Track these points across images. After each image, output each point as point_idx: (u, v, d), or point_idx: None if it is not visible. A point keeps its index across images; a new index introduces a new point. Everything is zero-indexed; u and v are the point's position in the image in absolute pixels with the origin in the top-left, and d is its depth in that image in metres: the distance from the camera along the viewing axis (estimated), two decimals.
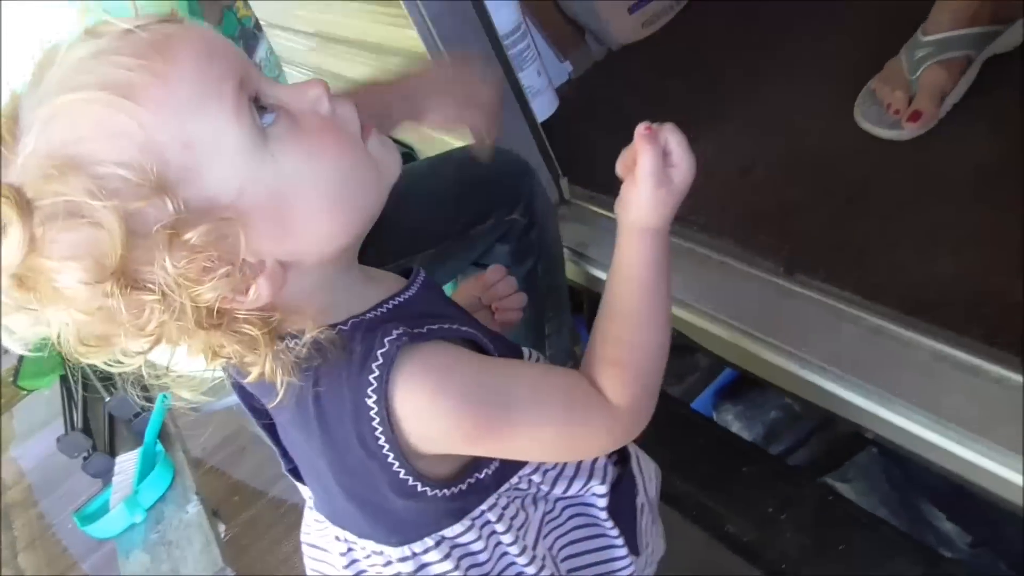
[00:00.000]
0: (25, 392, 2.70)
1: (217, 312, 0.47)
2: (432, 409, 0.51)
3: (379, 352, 0.50)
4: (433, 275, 0.79)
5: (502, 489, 0.59)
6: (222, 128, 0.47)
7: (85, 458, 1.87)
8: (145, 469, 1.75)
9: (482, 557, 0.61)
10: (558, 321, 1.10)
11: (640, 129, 0.57)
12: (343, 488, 0.56)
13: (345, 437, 0.52)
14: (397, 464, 0.52)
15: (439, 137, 1.27)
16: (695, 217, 1.08)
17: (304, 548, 0.68)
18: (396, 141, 1.47)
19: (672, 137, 0.58)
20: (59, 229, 0.44)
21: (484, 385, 0.54)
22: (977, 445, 0.74)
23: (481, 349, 0.58)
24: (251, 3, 1.25)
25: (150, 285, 0.45)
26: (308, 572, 0.69)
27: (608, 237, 1.13)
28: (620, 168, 0.60)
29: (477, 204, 0.94)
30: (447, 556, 0.59)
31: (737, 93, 1.24)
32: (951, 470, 0.81)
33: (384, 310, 0.55)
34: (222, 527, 1.90)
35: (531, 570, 0.62)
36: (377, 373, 0.50)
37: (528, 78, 1.16)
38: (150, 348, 0.47)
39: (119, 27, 0.47)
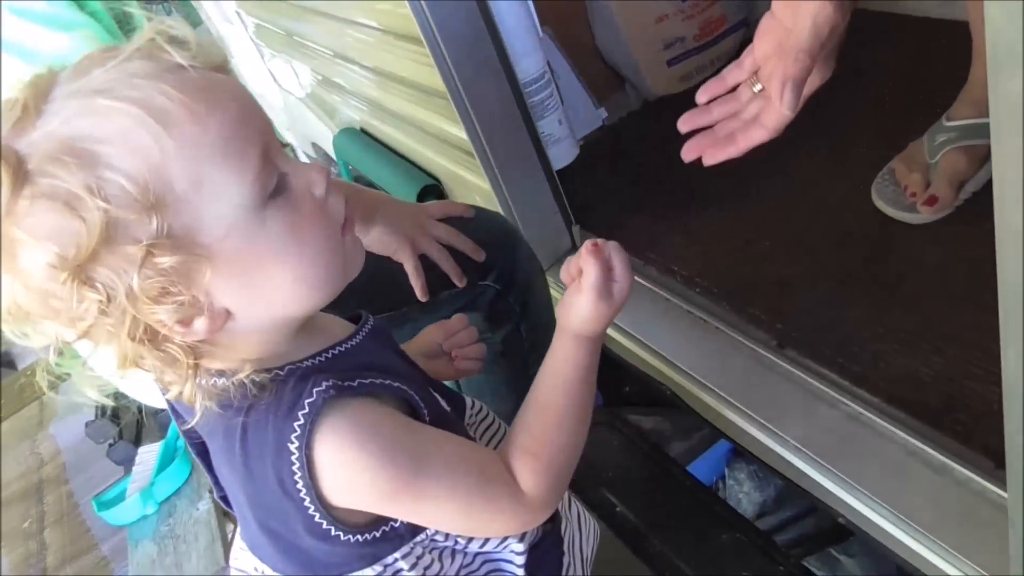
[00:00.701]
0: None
1: (151, 331, 0.50)
2: (351, 464, 0.54)
3: (306, 401, 0.52)
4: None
5: (417, 539, 0.61)
6: (235, 183, 0.50)
7: (111, 445, 1.96)
8: (164, 463, 1.82)
9: None
10: None
11: (587, 244, 0.62)
12: (259, 522, 0.59)
13: (264, 475, 0.55)
14: (312, 508, 0.55)
15: (464, 175, 1.31)
16: (698, 280, 1.09)
17: (232, 572, 0.70)
18: (425, 172, 1.51)
19: (616, 255, 0.63)
20: (46, 210, 0.47)
21: (404, 450, 0.56)
22: (932, 544, 0.73)
23: (414, 408, 0.60)
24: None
25: (99, 286, 0.48)
26: None
27: None
28: (564, 276, 0.65)
29: (441, 270, 0.94)
30: None
31: (760, 158, 1.23)
32: (911, 564, 0.79)
33: (323, 359, 0.58)
34: (231, 527, 1.95)
35: None
36: (302, 421, 0.52)
37: (548, 126, 1.18)
38: (74, 340, 0.50)
39: (175, 59, 0.51)
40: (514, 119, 1.12)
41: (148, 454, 1.87)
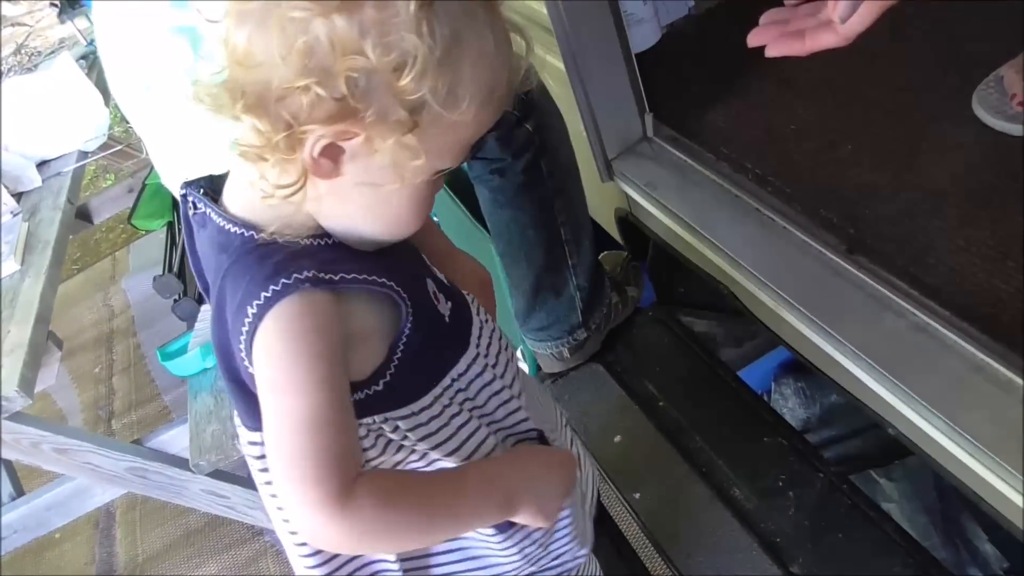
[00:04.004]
0: (142, 232, 2.91)
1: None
2: (272, 348, 0.55)
3: (282, 280, 0.54)
4: None
5: (363, 420, 0.62)
6: (435, 157, 0.56)
7: (176, 300, 2.03)
8: None
9: None
10: (576, 242, 1.10)
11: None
12: (222, 364, 0.61)
13: (227, 322, 0.57)
14: (250, 366, 0.57)
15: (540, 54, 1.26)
16: (772, 179, 1.04)
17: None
18: None
19: None
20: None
21: (302, 366, 0.55)
22: (990, 462, 0.71)
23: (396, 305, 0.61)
24: None
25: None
26: None
27: (681, 182, 1.12)
28: None
29: None
30: None
31: (853, 58, 1.16)
32: (963, 482, 0.78)
33: (321, 242, 0.59)
34: None
35: None
36: (269, 294, 0.54)
37: (632, 5, 1.12)
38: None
39: None
40: None
41: (210, 312, 1.94)
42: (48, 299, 1.53)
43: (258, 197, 0.57)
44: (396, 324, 0.61)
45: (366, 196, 0.57)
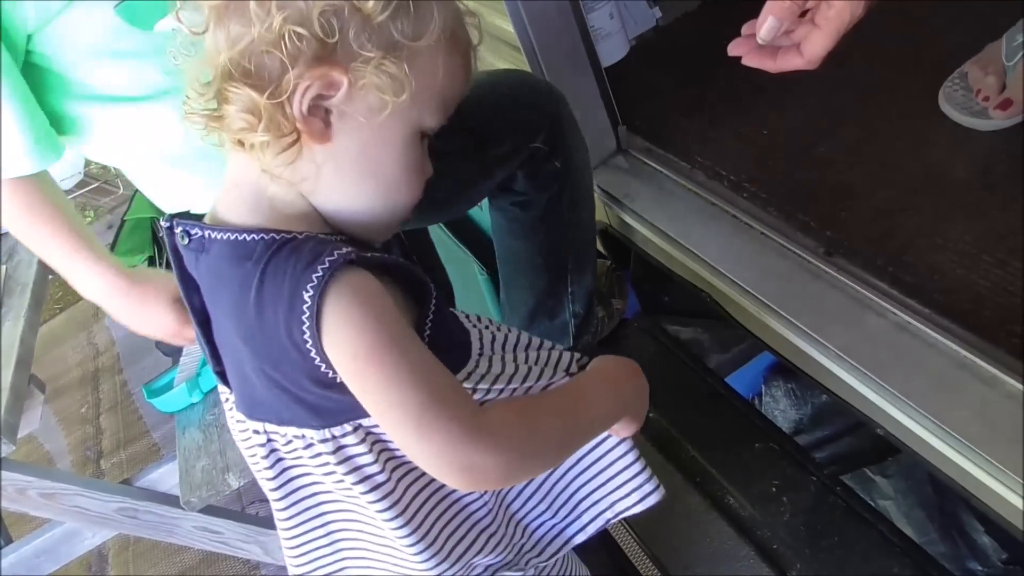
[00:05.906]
0: None
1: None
2: (349, 319, 0.55)
3: (327, 258, 0.54)
4: (455, 205, 0.87)
5: None
6: (424, 109, 0.58)
7: None
8: None
9: (394, 445, 0.63)
10: (580, 271, 1.10)
11: None
12: (266, 376, 0.60)
13: (275, 326, 0.56)
14: (319, 359, 0.56)
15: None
16: (747, 185, 1.05)
17: (239, 443, 0.71)
18: None
19: None
20: None
21: (393, 328, 0.56)
22: (979, 459, 0.71)
23: (421, 294, 0.61)
24: None
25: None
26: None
27: (657, 192, 1.13)
28: None
29: (496, 129, 0.93)
30: (363, 441, 0.62)
31: (822, 62, 1.17)
32: (953, 479, 0.78)
33: (342, 237, 0.60)
34: None
35: None
36: (320, 274, 0.54)
37: (598, 20, 1.13)
38: None
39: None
40: (563, 11, 1.06)
41: (195, 347, 1.92)
42: (28, 342, 1.51)
43: (256, 199, 0.59)
44: (410, 311, 0.61)
45: (360, 163, 0.58)
